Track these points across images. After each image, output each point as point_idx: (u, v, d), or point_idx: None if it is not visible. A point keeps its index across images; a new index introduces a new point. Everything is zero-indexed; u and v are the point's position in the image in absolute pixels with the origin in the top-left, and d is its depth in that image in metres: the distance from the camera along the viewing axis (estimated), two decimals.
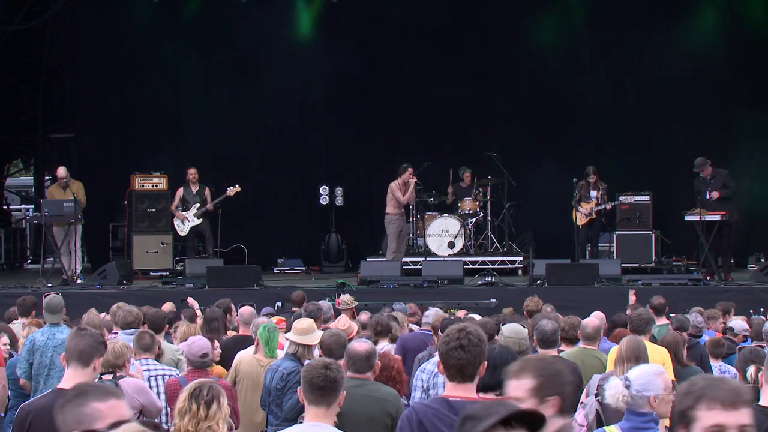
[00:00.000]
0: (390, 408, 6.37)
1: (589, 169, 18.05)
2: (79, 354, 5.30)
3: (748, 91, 19.94)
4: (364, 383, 6.42)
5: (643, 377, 5.30)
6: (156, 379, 8.02)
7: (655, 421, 5.26)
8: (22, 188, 29.35)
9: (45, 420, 5.19)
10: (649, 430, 5.23)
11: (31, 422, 5.21)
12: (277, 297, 15.35)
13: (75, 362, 5.31)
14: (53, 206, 17.07)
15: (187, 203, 18.69)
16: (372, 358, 6.61)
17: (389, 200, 18.07)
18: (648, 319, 8.73)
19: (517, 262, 18.68)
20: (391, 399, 6.46)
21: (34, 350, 9.16)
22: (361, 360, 6.51)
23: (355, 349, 6.62)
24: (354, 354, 6.56)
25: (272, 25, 20.40)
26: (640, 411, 5.22)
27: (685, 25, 20.11)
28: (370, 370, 6.59)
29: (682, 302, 13.44)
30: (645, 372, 5.38)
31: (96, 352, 5.38)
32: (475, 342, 4.72)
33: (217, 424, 5.06)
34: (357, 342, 6.82)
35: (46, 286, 16.10)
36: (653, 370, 5.43)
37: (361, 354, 6.56)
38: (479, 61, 20.48)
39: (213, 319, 10.21)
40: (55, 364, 9.12)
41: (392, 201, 18.06)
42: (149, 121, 19.69)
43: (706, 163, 16.83)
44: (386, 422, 6.31)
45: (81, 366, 5.32)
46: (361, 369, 6.48)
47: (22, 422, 5.25)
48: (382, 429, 6.27)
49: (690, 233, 17.14)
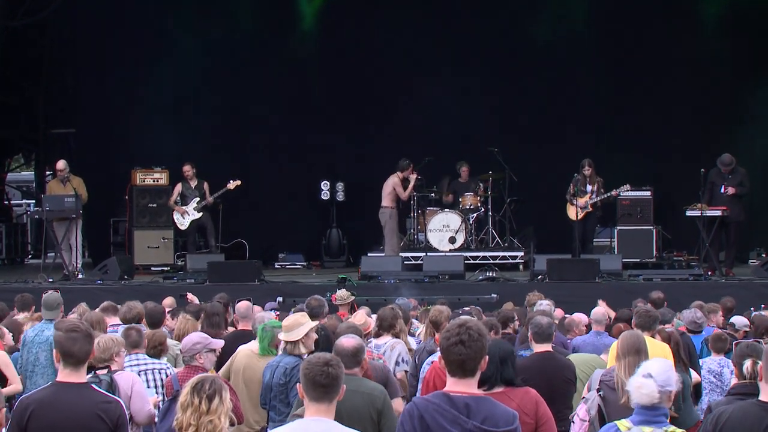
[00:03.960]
0: (376, 402, 6.38)
1: (585, 162, 18.05)
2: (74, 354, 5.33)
3: (752, 85, 19.89)
4: (351, 379, 6.39)
5: (663, 372, 5.29)
6: (146, 374, 8.02)
7: (665, 415, 5.25)
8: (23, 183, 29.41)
9: (44, 412, 5.22)
10: (661, 423, 5.23)
11: (30, 415, 5.21)
12: (278, 292, 15.36)
13: (70, 361, 5.34)
14: (54, 201, 17.07)
15: (186, 198, 18.69)
16: (359, 354, 6.63)
17: (387, 194, 18.06)
18: (655, 317, 8.72)
19: (518, 258, 18.69)
20: (377, 393, 6.46)
21: (22, 346, 9.17)
22: (348, 356, 6.51)
23: (343, 345, 6.63)
24: (341, 350, 6.56)
25: (273, 19, 20.43)
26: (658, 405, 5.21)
27: (687, 19, 20.10)
28: (358, 366, 6.61)
29: (683, 297, 13.42)
30: (663, 367, 5.38)
31: (90, 349, 5.46)
32: (475, 337, 4.72)
33: (218, 418, 5.06)
34: (345, 338, 6.82)
35: (47, 281, 16.12)
36: (669, 365, 5.44)
37: (349, 350, 6.57)
38: (481, 55, 20.49)
39: (214, 314, 10.20)
40: (39, 360, 9.12)
41: (390, 195, 18.06)
42: (150, 116, 19.68)
43: (732, 162, 16.85)
44: (372, 416, 6.32)
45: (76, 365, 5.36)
46: (348, 364, 6.41)
47: (21, 414, 5.24)
48: (368, 423, 6.27)
49: (691, 228, 17.14)
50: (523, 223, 19.55)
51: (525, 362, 7.29)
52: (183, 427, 5.08)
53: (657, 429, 5.19)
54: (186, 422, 5.07)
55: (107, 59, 20.46)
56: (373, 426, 6.29)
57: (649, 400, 5.18)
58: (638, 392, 5.20)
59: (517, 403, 5.93)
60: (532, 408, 6.03)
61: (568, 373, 7.73)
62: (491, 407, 4.70)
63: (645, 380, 5.20)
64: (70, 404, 5.27)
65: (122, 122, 20.32)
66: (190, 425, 5.05)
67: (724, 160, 16.87)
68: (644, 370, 5.32)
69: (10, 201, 25.78)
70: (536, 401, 6.10)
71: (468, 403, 4.66)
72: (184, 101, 20.43)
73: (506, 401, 5.60)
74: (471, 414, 4.63)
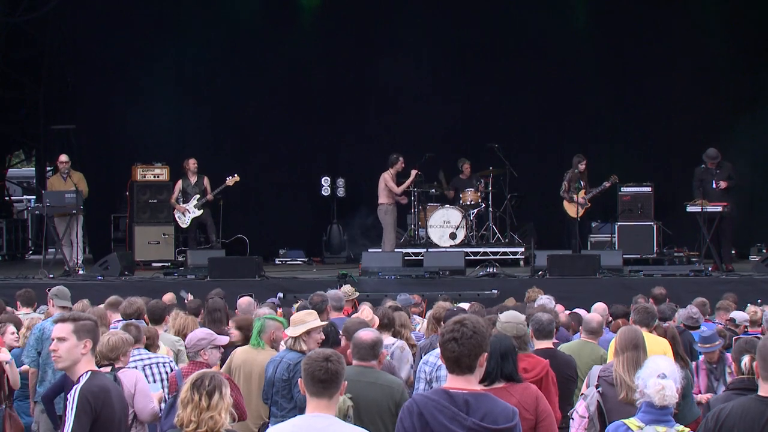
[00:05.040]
0: (395, 395, 6.45)
1: (581, 158, 18.06)
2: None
3: (750, 82, 19.91)
4: (370, 371, 6.49)
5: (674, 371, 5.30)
6: (151, 368, 8.04)
7: (671, 414, 5.24)
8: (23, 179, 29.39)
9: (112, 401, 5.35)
10: (670, 423, 5.23)
11: (103, 402, 5.30)
12: (278, 288, 15.35)
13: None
14: (55, 197, 17.08)
15: (188, 195, 18.71)
16: (377, 346, 6.72)
17: (381, 190, 18.10)
18: (653, 313, 8.73)
19: (519, 253, 18.69)
20: (396, 387, 6.55)
21: (43, 339, 9.16)
22: (366, 348, 6.60)
23: (361, 338, 6.71)
24: (359, 342, 6.64)
25: (274, 15, 20.42)
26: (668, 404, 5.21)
27: (688, 14, 20.09)
28: (375, 359, 6.71)
29: (684, 293, 13.43)
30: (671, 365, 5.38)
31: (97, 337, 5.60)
32: (468, 334, 4.69)
33: (219, 414, 5.07)
34: (363, 331, 6.88)
35: (48, 277, 16.14)
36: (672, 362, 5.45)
37: (367, 342, 6.66)
38: (481, 51, 20.49)
39: (215, 310, 10.21)
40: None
41: (385, 191, 18.09)
42: (150, 112, 19.67)
43: (718, 155, 16.82)
44: (391, 409, 6.38)
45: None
46: (366, 357, 6.59)
47: (95, 403, 5.29)
48: (387, 416, 6.33)
49: (691, 224, 17.14)
50: (523, 219, 19.56)
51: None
52: (184, 423, 5.09)
53: (670, 429, 5.20)
54: (187, 419, 5.07)
55: (108, 55, 20.45)
56: (392, 418, 6.32)
57: (671, 400, 5.18)
58: (660, 394, 5.18)
59: (518, 398, 5.94)
60: (532, 404, 6.03)
61: (569, 370, 7.73)
62: (491, 404, 4.71)
63: (665, 381, 5.19)
64: (119, 393, 5.53)
65: (122, 118, 20.31)
66: (191, 422, 5.06)
67: (710, 154, 16.85)
68: (655, 370, 5.28)
69: (10, 197, 25.78)
70: (536, 397, 6.10)
71: (467, 399, 4.66)
72: (185, 97, 20.43)
73: (507, 397, 5.60)
74: (470, 411, 4.64)
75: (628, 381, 6.50)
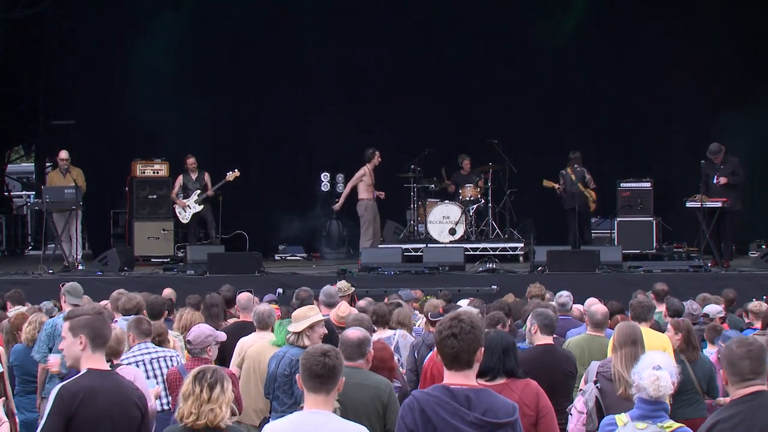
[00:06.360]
0: (382, 395, 6.36)
1: (577, 155, 18.09)
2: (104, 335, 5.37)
3: (752, 77, 19.88)
4: (357, 372, 6.38)
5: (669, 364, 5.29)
6: (158, 361, 8.05)
7: (665, 410, 5.22)
8: (23, 175, 29.36)
9: (94, 400, 5.13)
10: (659, 418, 5.20)
11: (80, 403, 5.10)
12: (278, 284, 15.38)
13: (99, 342, 5.32)
14: (54, 193, 17.08)
15: (188, 190, 18.72)
16: (364, 345, 6.56)
17: (360, 185, 18.17)
18: (650, 307, 8.73)
19: (518, 249, 18.68)
20: (383, 387, 6.44)
21: (54, 336, 9.15)
22: (352, 347, 6.48)
23: (348, 337, 6.58)
24: (346, 341, 6.53)
25: (274, 11, 20.40)
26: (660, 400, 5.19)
27: (689, 11, 20.08)
28: (362, 358, 6.56)
29: (684, 289, 13.43)
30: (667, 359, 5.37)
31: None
32: (467, 330, 4.69)
33: (219, 407, 5.07)
34: (350, 330, 6.77)
35: (48, 272, 16.15)
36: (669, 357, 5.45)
37: (353, 341, 6.53)
38: (481, 48, 20.47)
39: (212, 305, 10.22)
40: None
41: (361, 186, 18.13)
42: (150, 108, 19.66)
43: (721, 150, 16.82)
44: (378, 409, 6.30)
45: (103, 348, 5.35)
46: (352, 356, 6.43)
47: (70, 402, 5.11)
48: (374, 416, 6.26)
49: (691, 220, 17.13)
50: (523, 214, 19.55)
51: (525, 355, 7.29)
52: (184, 415, 5.09)
53: (651, 424, 5.16)
54: (187, 411, 5.08)
55: (107, 51, 20.45)
56: (379, 419, 6.28)
57: (666, 391, 5.15)
58: (655, 385, 5.15)
59: (519, 394, 5.94)
60: (533, 400, 6.02)
61: (568, 366, 7.72)
62: (491, 399, 4.71)
63: (659, 372, 5.16)
64: (114, 392, 5.22)
65: (122, 113, 20.31)
66: (191, 414, 5.07)
67: (712, 149, 16.86)
68: (650, 362, 5.27)
69: (10, 192, 25.77)
70: (537, 393, 6.09)
71: (468, 395, 4.66)
72: (185, 93, 20.40)
73: (508, 393, 5.60)
74: (472, 406, 4.64)
75: (626, 376, 6.50)
